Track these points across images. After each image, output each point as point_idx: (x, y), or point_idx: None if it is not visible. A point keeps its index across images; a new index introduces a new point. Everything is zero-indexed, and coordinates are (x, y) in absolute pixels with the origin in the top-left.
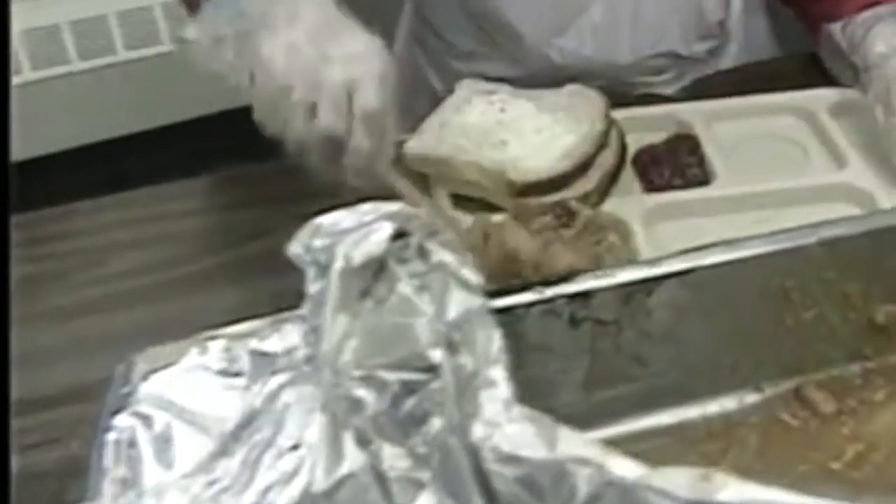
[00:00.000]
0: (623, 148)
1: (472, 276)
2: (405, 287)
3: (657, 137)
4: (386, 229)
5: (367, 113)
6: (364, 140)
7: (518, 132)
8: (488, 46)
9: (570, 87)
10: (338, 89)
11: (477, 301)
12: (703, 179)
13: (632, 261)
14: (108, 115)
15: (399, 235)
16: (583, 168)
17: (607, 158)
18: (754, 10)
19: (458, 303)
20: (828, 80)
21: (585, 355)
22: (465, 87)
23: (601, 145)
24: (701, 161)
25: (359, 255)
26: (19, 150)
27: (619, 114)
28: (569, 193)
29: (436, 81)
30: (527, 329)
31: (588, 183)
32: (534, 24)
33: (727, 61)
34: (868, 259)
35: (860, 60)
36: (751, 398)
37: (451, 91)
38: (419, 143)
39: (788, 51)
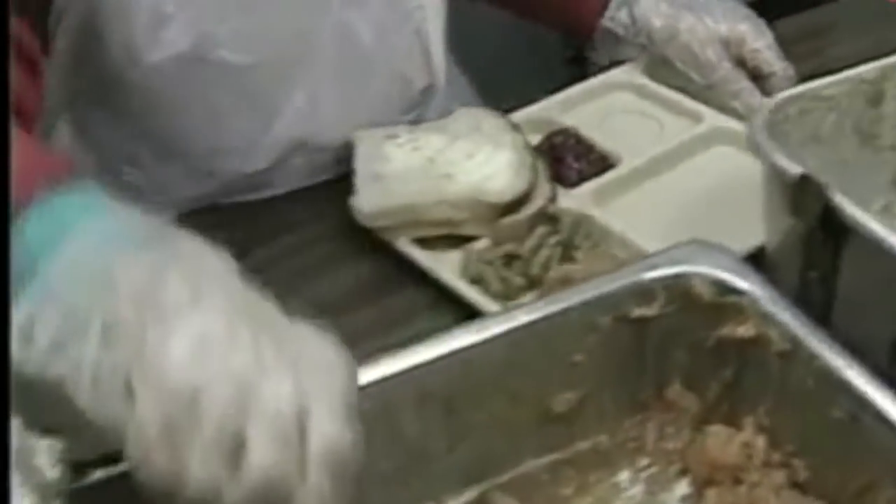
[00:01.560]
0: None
1: None
2: None
3: (535, 140)
4: None
5: (328, 446)
6: (324, 481)
7: (453, 163)
8: (170, 165)
9: (462, 110)
10: (283, 415)
11: None
12: (610, 161)
13: None
14: None
15: None
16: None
17: (539, 162)
18: (455, 70)
19: None
20: None
21: None
22: (364, 139)
23: (533, 152)
24: (593, 147)
25: None
26: None
27: None
28: (538, 203)
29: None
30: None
31: (544, 189)
32: (230, 129)
33: None
34: (530, 351)
35: (645, 39)
36: None
37: None
38: (369, 199)
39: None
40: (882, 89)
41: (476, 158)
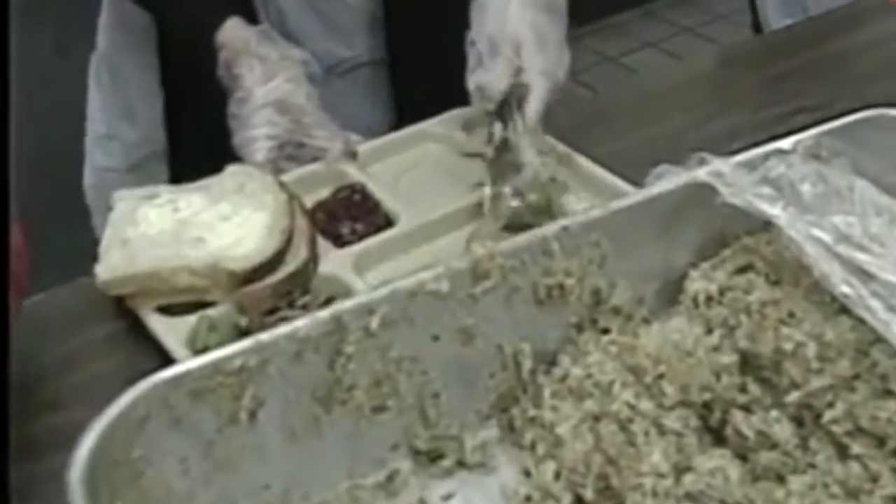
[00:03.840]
0: (305, 211)
1: None
2: None
3: (322, 195)
4: None
5: None
6: None
7: (207, 225)
8: None
9: (231, 169)
10: None
11: None
12: (389, 221)
13: None
14: None
15: None
16: (288, 240)
17: (302, 224)
18: None
19: None
20: None
21: None
22: (123, 200)
23: (292, 213)
24: (377, 206)
25: None
26: None
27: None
28: (288, 268)
29: None
30: None
31: (300, 253)
32: None
33: None
34: None
35: None
36: None
37: None
38: (109, 267)
39: None
40: (337, 348)
41: (232, 220)
